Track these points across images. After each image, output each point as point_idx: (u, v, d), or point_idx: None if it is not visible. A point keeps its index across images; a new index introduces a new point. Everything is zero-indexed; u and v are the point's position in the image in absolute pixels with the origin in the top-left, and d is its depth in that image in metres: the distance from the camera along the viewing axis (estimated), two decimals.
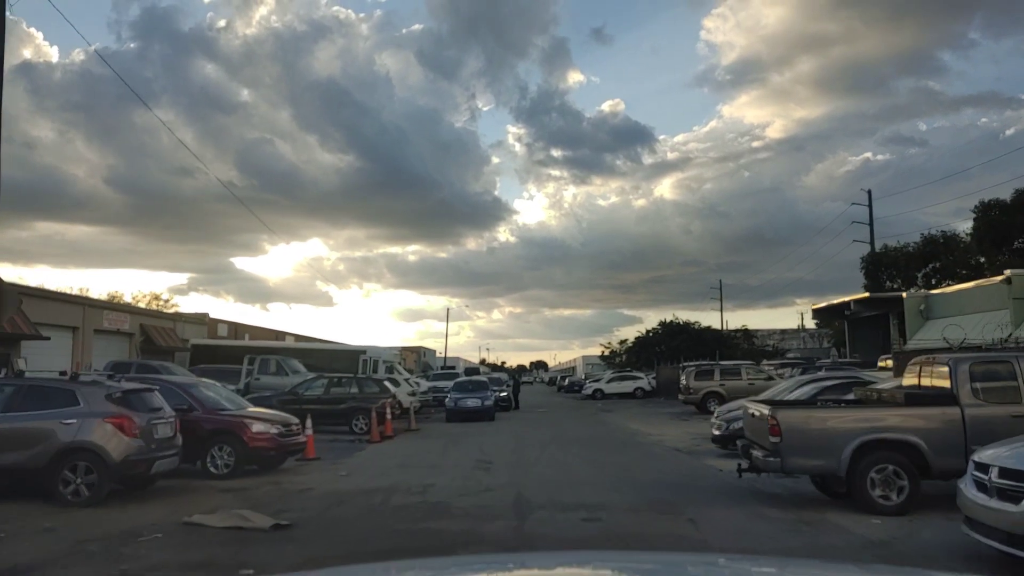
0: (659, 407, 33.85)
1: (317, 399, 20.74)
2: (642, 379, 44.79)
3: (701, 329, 65.50)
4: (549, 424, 24.40)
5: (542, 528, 8.18)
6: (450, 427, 23.39)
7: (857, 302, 39.89)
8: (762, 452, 9.04)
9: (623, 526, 8.29)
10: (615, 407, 35.03)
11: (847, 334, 45.57)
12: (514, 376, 35.23)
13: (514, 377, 35.03)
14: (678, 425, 22.92)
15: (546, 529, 8.13)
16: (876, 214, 56.22)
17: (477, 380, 27.80)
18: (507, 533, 7.93)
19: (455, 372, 40.47)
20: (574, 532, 7.96)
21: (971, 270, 54.15)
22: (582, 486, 11.08)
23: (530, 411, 32.30)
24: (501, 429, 22.19)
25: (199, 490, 11.08)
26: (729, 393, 27.60)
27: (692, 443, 17.19)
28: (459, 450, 16.23)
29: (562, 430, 21.33)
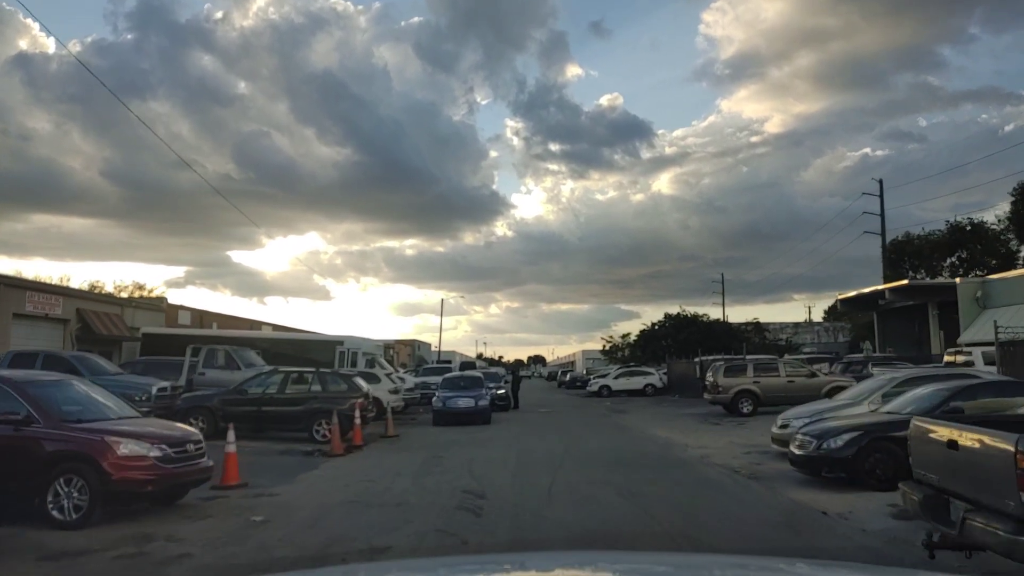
0: (678, 407, 29.61)
1: (269, 399, 16.45)
2: (653, 375, 40.56)
3: (710, 322, 61.37)
4: (557, 429, 20.11)
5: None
6: (436, 433, 19.12)
7: (894, 291, 35.71)
8: (989, 519, 4.78)
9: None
10: (627, 406, 30.79)
11: (876, 326, 41.40)
12: (513, 371, 30.97)
13: (513, 372, 30.77)
14: (714, 432, 18.66)
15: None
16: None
17: (470, 376, 23.51)
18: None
19: (448, 366, 36.13)
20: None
21: (1001, 259, 50.16)
22: (628, 546, 6.84)
23: (532, 411, 28.05)
24: (498, 437, 17.92)
25: (15, 553, 6.82)
26: (765, 392, 23.39)
27: (749, 461, 12.92)
28: (441, 471, 11.94)
29: (575, 439, 17.05)
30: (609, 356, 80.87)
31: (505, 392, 27.58)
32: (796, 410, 13.50)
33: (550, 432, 19.08)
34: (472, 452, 14.39)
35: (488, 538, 7.25)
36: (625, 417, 24.62)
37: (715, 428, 19.83)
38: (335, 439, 14.20)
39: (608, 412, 27.26)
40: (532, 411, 27.89)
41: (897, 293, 35.13)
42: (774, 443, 13.33)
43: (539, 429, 20.00)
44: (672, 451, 14.45)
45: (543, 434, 18.44)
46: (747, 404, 23.32)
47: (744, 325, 62.80)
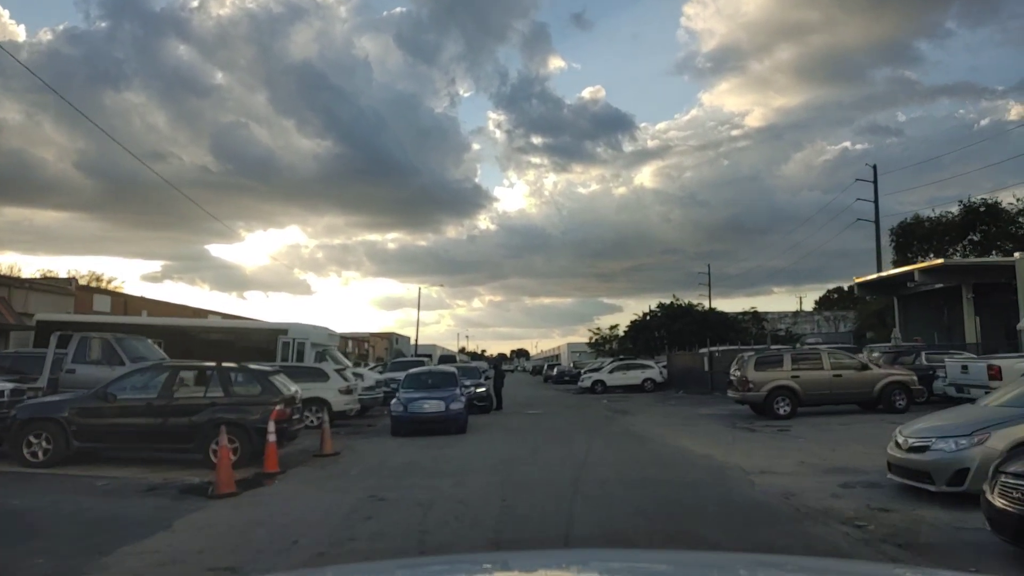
0: (689, 405, 24.89)
1: (146, 406, 11.43)
2: (652, 368, 35.86)
3: (706, 312, 56.92)
4: (553, 441, 15.22)
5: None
6: (392, 448, 14.18)
7: (925, 272, 31.20)
8: None
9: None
10: (628, 405, 26.02)
11: (898, 312, 36.95)
12: (495, 365, 25.96)
13: (495, 367, 25.81)
14: (760, 443, 13.89)
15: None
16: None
17: (440, 372, 18.51)
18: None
19: (422, 360, 31.18)
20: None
21: (1017, 241, 46.16)
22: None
23: (518, 413, 23.19)
24: (476, 455, 13.00)
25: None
26: (806, 389, 18.72)
27: (862, 503, 8.12)
28: (374, 532, 7.01)
29: (581, 458, 12.14)
30: (596, 349, 76.33)
31: (486, 390, 22.70)
32: (934, 421, 8.69)
33: (545, 446, 14.19)
34: (434, 485, 9.50)
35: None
36: (633, 420, 19.83)
37: (755, 437, 15.09)
38: (221, 470, 9.21)
39: (610, 413, 22.45)
40: (519, 413, 23.04)
41: (928, 275, 30.67)
42: (893, 472, 8.58)
43: (530, 440, 15.12)
44: (730, 483, 9.61)
45: (536, 450, 13.54)
46: (784, 404, 18.64)
47: (741, 315, 58.38)
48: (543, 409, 24.85)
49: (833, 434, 15.01)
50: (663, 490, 8.93)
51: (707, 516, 7.68)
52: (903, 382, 18.75)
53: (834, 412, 19.25)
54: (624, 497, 8.63)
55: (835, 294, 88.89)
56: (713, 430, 16.72)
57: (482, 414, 22.05)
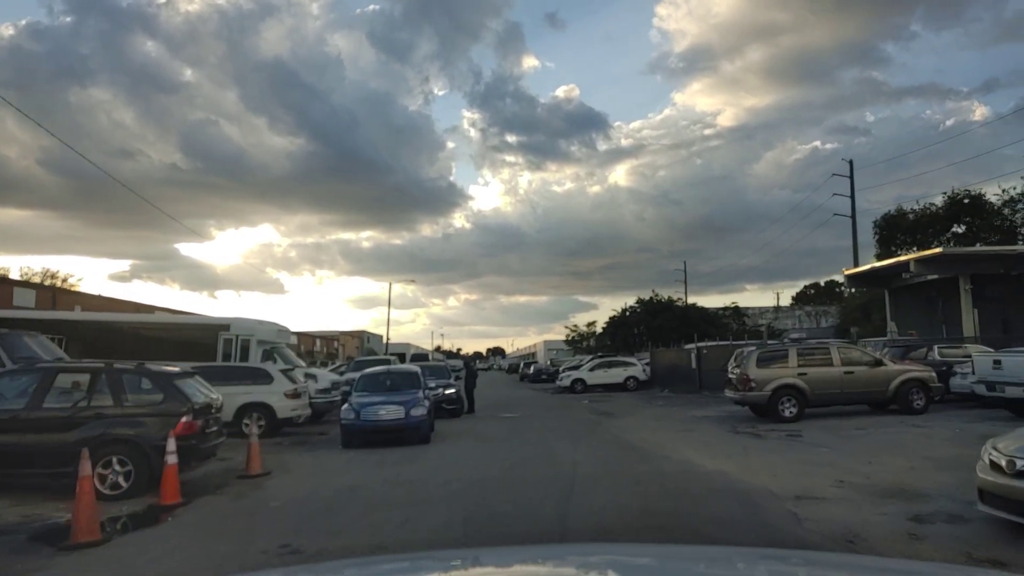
0: (678, 406, 22.69)
1: (9, 419, 8.85)
2: (635, 366, 33.64)
3: (686, 307, 55.08)
4: (531, 454, 12.79)
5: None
6: (337, 466, 11.69)
7: (922, 262, 29.32)
8: None
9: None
10: (613, 406, 23.77)
11: (889, 305, 35.19)
12: (467, 364, 23.41)
13: (467, 366, 23.31)
14: (776, 452, 11.63)
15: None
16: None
17: (401, 372, 15.96)
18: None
19: (386, 359, 28.59)
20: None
21: (1002, 234, 44.96)
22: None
23: (492, 416, 20.79)
24: (438, 477, 10.49)
25: None
26: (814, 388, 16.58)
27: (950, 544, 5.88)
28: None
29: (567, 479, 9.72)
30: (573, 346, 74.18)
31: (456, 392, 20.25)
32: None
33: (522, 462, 11.79)
34: (375, 525, 7.08)
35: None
36: (622, 425, 17.53)
37: (767, 445, 12.86)
38: (79, 511, 6.67)
39: (594, 416, 20.15)
40: (493, 416, 20.64)
41: (925, 265, 28.83)
42: (990, 503, 6.35)
43: (504, 454, 12.71)
44: (767, 516, 7.28)
45: (511, 467, 11.10)
46: (790, 405, 16.48)
47: (722, 310, 56.61)
48: (519, 411, 22.47)
49: (856, 441, 12.84)
50: (684, 533, 6.57)
51: None
52: (921, 379, 16.70)
53: (842, 413, 17.15)
54: (632, 546, 6.25)
55: (812, 290, 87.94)
56: (716, 436, 14.48)
57: (452, 418, 19.64)
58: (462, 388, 21.39)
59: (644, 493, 8.58)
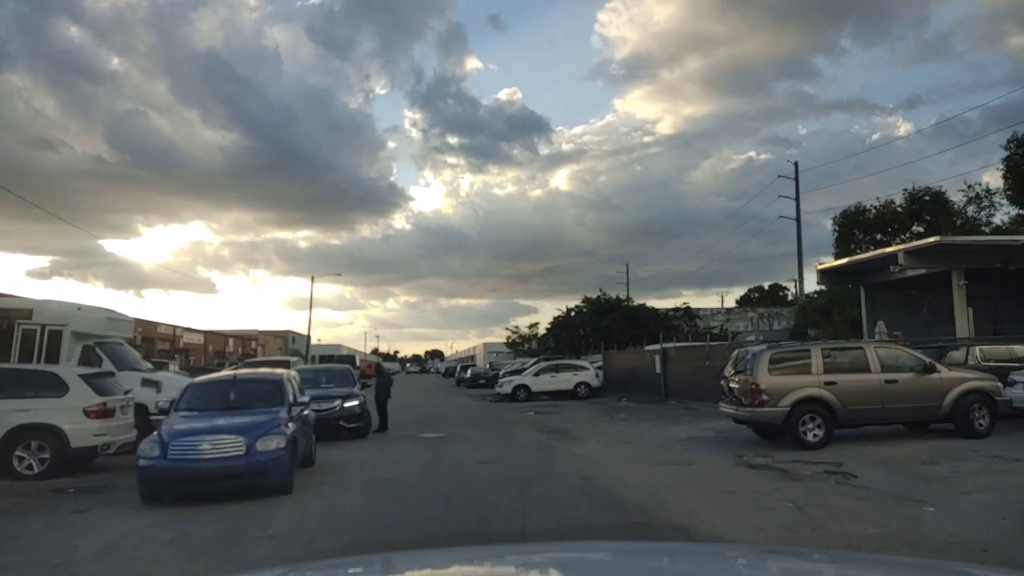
0: (648, 420, 17.92)
1: None
2: (587, 370, 28.90)
3: (636, 307, 50.88)
4: (456, 522, 7.61)
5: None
6: (90, 551, 6.37)
7: (913, 254, 25.46)
8: None
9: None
10: (565, 419, 18.87)
11: (865, 303, 31.55)
12: (378, 370, 17.88)
13: (378, 372, 17.86)
14: (841, 509, 6.86)
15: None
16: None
17: (254, 380, 10.43)
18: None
19: (284, 361, 22.88)
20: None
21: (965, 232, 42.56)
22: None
23: (410, 437, 15.57)
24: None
25: None
26: (846, 401, 12.04)
27: None
28: None
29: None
30: (515, 349, 69.39)
31: (360, 405, 14.90)
32: None
33: (432, 536, 6.65)
34: None
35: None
36: (584, 452, 12.55)
37: (815, 494, 8.13)
38: None
39: (544, 437, 15.15)
40: (410, 437, 15.42)
41: (917, 257, 25.08)
42: None
43: (402, 520, 7.53)
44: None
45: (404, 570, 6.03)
46: (816, 427, 11.88)
47: (672, 311, 52.67)
48: (447, 429, 17.30)
49: (947, 487, 8.28)
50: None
51: None
52: (985, 391, 12.35)
53: (879, 436, 12.69)
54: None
55: (755, 293, 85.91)
56: (728, 476, 9.71)
57: (354, 440, 14.40)
58: (370, 399, 16.09)
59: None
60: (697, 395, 21.23)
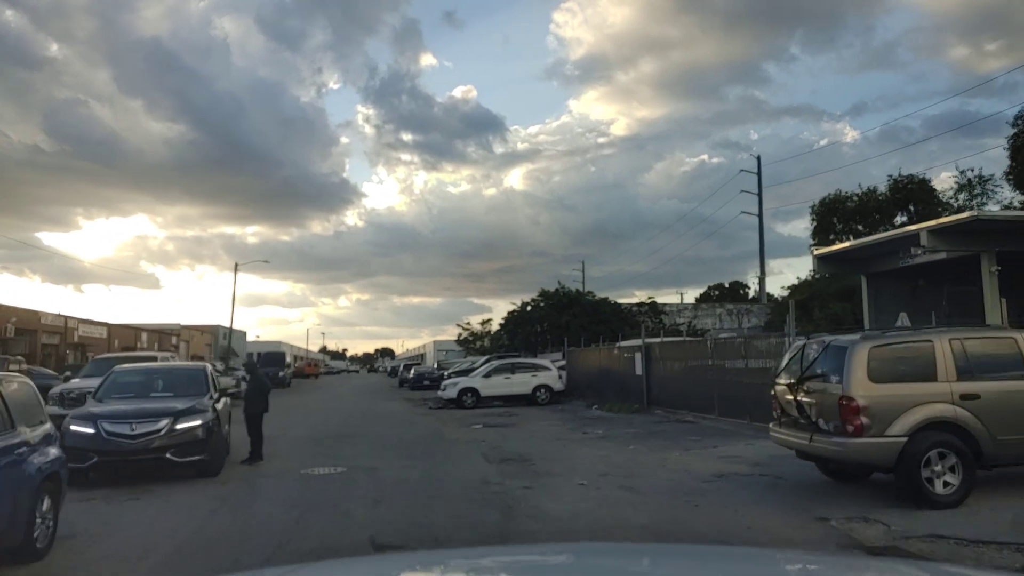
0: (639, 439, 12.74)
1: None
2: (548, 370, 23.72)
3: (597, 301, 45.94)
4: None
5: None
6: None
7: (939, 233, 21.23)
8: None
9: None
10: (525, 439, 13.63)
11: (867, 294, 27.31)
12: (252, 370, 12.01)
13: (250, 372, 12.03)
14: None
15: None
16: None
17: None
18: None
19: (153, 357, 17.01)
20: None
21: None
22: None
23: (290, 472, 10.13)
24: None
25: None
26: (997, 428, 7.08)
27: None
28: None
29: None
30: (466, 347, 64.04)
31: (203, 427, 9.35)
32: None
33: None
34: None
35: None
36: (570, 506, 7.34)
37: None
38: None
39: (499, 471, 9.84)
40: (287, 473, 9.97)
41: (943, 238, 20.76)
42: None
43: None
44: None
45: None
46: (948, 471, 7.00)
47: (636, 306, 47.94)
48: (354, 457, 11.82)
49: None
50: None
51: None
52: None
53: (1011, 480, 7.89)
54: None
55: (716, 291, 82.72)
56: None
57: (194, 480, 8.95)
58: (233, 415, 10.58)
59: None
60: (692, 403, 16.34)
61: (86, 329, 41.86)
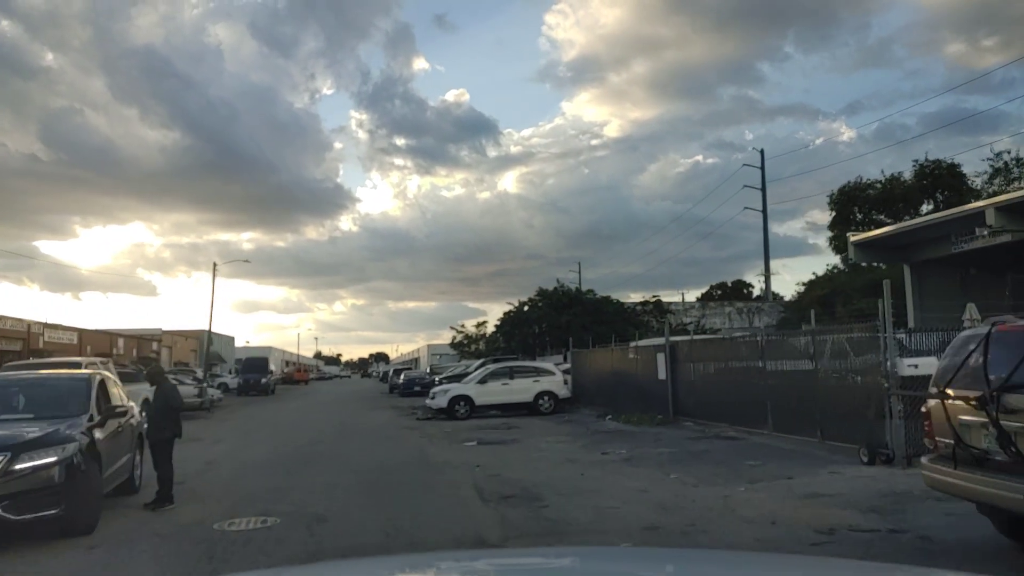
0: (682, 462, 9.65)
1: None
2: (552, 375, 20.66)
3: (598, 300, 42.88)
4: None
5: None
6: None
7: (1007, 210, 18.45)
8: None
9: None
10: (534, 463, 10.59)
11: (911, 285, 24.40)
12: (156, 380, 8.66)
13: (157, 384, 8.50)
14: None
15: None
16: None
17: None
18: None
19: (77, 363, 13.92)
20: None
21: None
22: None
23: (198, 527, 7.07)
24: None
25: None
26: None
27: None
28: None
29: None
30: (460, 350, 60.97)
31: (60, 465, 6.28)
32: None
33: None
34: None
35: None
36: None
37: None
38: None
39: (500, 519, 6.89)
40: (195, 528, 6.94)
41: (1011, 216, 17.89)
42: None
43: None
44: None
45: None
46: None
47: (640, 305, 44.85)
48: (297, 500, 8.70)
49: None
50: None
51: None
52: None
53: None
54: None
55: (718, 291, 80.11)
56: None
57: (60, 542, 5.87)
58: (92, 456, 7.51)
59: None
60: (733, 414, 13.30)
61: (53, 334, 38.63)
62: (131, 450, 8.22)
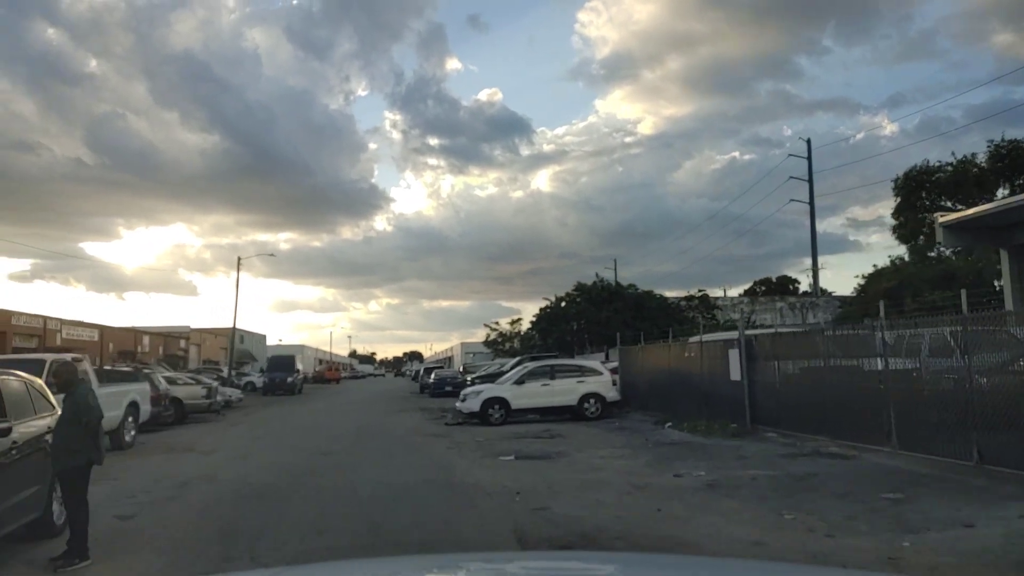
0: (794, 491, 6.99)
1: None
2: (600, 375, 18.06)
3: (640, 294, 40.10)
4: None
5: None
6: None
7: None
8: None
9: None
10: (587, 490, 8.11)
11: (1009, 271, 21.26)
12: (67, 388, 5.65)
13: (69, 392, 6.04)
14: None
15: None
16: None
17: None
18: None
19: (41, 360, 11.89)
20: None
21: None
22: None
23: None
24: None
25: None
26: None
27: None
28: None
29: None
30: (494, 349, 58.69)
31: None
32: None
33: None
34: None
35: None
36: None
37: None
38: None
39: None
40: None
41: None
42: None
43: None
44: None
45: None
46: None
47: (684, 300, 41.84)
48: (266, 551, 6.43)
49: None
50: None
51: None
52: None
53: None
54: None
55: (762, 287, 76.72)
56: None
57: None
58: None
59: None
60: (833, 426, 10.56)
61: (72, 331, 37.27)
62: (40, 480, 5.91)
